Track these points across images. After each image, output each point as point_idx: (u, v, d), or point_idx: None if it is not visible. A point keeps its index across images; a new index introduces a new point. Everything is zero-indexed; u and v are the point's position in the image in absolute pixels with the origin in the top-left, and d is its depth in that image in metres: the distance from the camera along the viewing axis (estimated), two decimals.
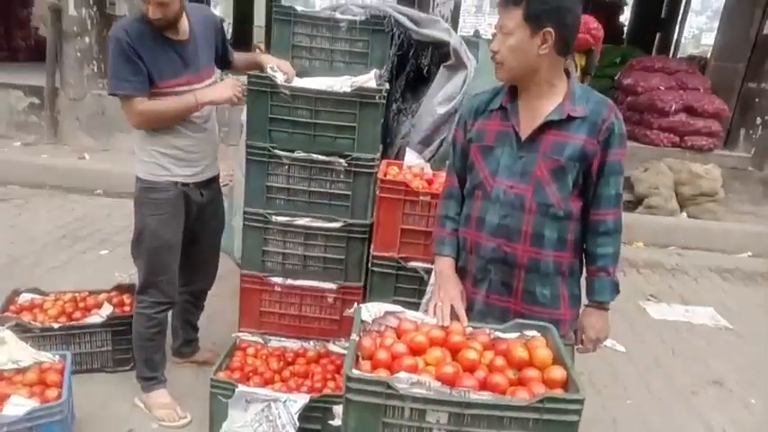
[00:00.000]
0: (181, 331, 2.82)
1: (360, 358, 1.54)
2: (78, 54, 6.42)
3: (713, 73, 7.02)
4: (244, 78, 2.37)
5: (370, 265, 2.22)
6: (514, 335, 1.70)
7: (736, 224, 6.05)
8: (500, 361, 1.57)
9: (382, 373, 1.48)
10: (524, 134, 1.71)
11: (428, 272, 2.16)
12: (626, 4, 13.91)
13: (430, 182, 2.26)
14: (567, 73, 1.73)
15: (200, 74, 2.36)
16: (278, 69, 2.40)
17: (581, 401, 1.37)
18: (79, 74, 6.47)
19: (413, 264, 2.17)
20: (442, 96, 2.62)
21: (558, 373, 1.49)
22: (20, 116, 6.71)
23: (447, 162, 2.60)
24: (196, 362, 2.88)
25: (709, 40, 14.90)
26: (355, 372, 1.39)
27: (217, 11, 17.13)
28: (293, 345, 2.65)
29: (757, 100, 6.65)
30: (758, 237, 5.82)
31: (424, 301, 2.18)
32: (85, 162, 6.02)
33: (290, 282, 2.61)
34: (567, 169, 1.67)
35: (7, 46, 9.74)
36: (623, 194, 1.76)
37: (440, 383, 1.39)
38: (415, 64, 2.79)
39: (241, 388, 2.27)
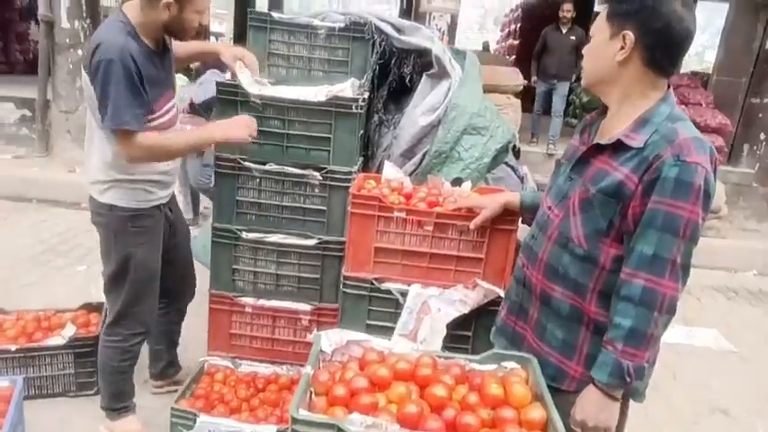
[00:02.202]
0: (166, 354, 2.65)
1: (313, 394, 1.38)
2: (71, 66, 6.33)
3: (715, 87, 6.89)
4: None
5: (341, 286, 2.06)
6: (491, 367, 1.54)
7: (740, 241, 5.88)
8: (473, 398, 1.40)
9: (339, 412, 1.32)
10: None
11: (404, 294, 2.00)
12: None
13: (408, 196, 2.11)
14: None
15: (174, 86, 2.23)
16: (242, 67, 2.23)
17: None
18: (71, 86, 6.37)
19: (387, 285, 2.01)
20: (424, 107, 2.48)
21: (536, 413, 1.32)
22: (11, 129, 6.63)
23: (431, 175, 2.47)
24: (176, 383, 2.70)
25: (712, 56, 14.75)
26: (302, 413, 1.23)
27: (222, 27, 17.16)
28: (265, 370, 2.49)
29: (761, 115, 6.50)
30: (763, 254, 5.65)
31: (399, 324, 2.03)
32: (74, 175, 5.90)
33: (261, 302, 2.45)
34: (596, 203, 1.40)
35: (6, 59, 9.74)
36: (677, 262, 1.33)
37: (398, 426, 1.22)
38: (398, 73, 2.66)
39: (203, 418, 2.11)
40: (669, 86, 1.43)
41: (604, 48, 1.39)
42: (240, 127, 2.09)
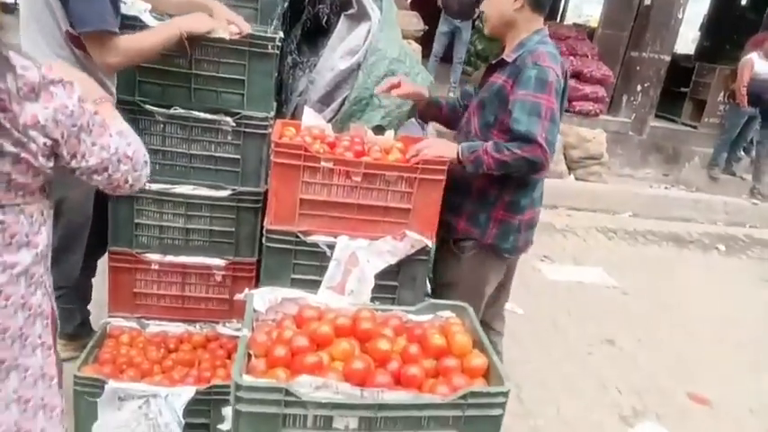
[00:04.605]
0: (79, 313, 2.43)
1: (252, 357, 1.30)
2: None
3: (600, 40, 7.28)
4: None
5: (263, 240, 1.95)
6: (428, 317, 1.55)
7: (618, 186, 6.41)
8: (414, 349, 1.40)
9: (280, 374, 1.25)
10: None
11: (331, 246, 1.93)
12: None
13: (332, 145, 2.00)
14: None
15: None
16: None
17: (506, 394, 1.24)
18: None
19: (313, 238, 1.93)
20: (343, 49, 2.35)
21: (478, 360, 1.35)
22: None
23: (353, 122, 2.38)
24: (84, 347, 2.45)
25: (590, 9, 15.58)
26: (246, 378, 1.15)
27: None
28: (176, 329, 2.33)
29: (638, 68, 6.99)
30: (636, 197, 6.21)
31: (326, 277, 1.97)
32: None
33: (169, 258, 2.27)
34: (486, 104, 1.98)
35: None
36: (544, 137, 1.77)
37: (349, 385, 1.19)
38: (312, 12, 2.49)
39: (112, 384, 1.94)
40: (545, 25, 1.98)
41: (504, 1, 1.91)
42: (204, 20, 1.96)
